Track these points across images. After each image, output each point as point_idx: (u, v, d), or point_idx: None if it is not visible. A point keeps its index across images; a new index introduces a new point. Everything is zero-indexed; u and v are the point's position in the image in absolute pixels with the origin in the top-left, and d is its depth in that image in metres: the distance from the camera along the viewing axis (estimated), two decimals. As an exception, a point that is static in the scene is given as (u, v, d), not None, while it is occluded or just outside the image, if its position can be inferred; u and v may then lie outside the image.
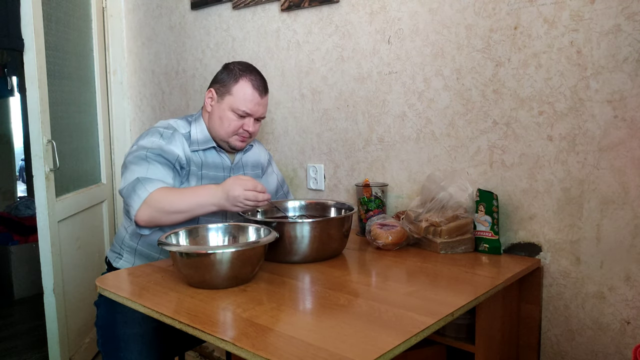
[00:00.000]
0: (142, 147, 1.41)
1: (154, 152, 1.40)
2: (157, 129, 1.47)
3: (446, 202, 1.42)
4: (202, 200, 1.32)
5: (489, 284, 1.16)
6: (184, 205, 1.32)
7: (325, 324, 0.94)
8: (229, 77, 1.48)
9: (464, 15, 1.48)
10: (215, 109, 1.49)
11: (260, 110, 1.50)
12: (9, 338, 2.77)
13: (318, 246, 1.32)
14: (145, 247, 1.48)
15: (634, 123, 1.23)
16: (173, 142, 1.44)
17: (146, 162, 1.37)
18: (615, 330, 1.30)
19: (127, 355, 1.30)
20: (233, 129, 1.48)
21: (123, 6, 2.57)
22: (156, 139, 1.43)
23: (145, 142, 1.43)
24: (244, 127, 1.49)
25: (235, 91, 1.46)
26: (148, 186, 1.33)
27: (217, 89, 1.50)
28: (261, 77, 1.51)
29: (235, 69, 1.49)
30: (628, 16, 1.22)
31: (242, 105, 1.46)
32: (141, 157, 1.38)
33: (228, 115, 1.47)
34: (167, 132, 1.46)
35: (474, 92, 1.48)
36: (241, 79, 1.47)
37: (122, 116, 2.62)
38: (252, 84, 1.47)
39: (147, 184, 1.33)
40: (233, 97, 1.47)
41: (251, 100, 1.47)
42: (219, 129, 1.49)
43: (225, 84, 1.48)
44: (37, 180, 1.96)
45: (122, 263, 1.50)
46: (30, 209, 3.58)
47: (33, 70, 1.90)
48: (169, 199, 1.32)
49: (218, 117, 1.48)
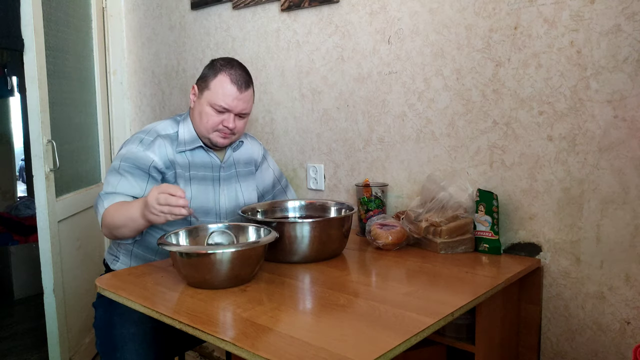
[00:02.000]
0: (119, 156, 1.45)
1: (128, 161, 1.42)
2: (139, 135, 1.47)
3: (446, 202, 1.42)
4: (132, 214, 1.31)
5: (489, 284, 1.16)
6: (119, 221, 1.34)
7: (325, 324, 0.94)
8: (209, 71, 1.47)
9: (464, 15, 1.48)
10: (196, 105, 1.48)
11: (240, 105, 1.45)
12: (9, 338, 2.77)
13: (318, 246, 1.32)
14: (140, 249, 1.47)
15: (634, 123, 1.23)
16: (151, 149, 1.43)
17: (118, 174, 1.41)
18: (615, 330, 1.30)
19: (124, 355, 1.30)
20: (212, 124, 1.45)
21: (123, 6, 2.57)
22: (134, 146, 1.44)
23: (124, 151, 1.45)
24: (223, 123, 1.45)
25: (213, 86, 1.44)
26: (105, 202, 1.38)
27: (198, 84, 1.49)
28: (242, 72, 1.47)
29: (217, 64, 1.47)
30: (628, 16, 1.22)
31: (219, 100, 1.43)
32: (115, 168, 1.43)
33: (207, 110, 1.45)
34: (148, 138, 1.45)
35: (474, 92, 1.48)
36: (220, 73, 1.44)
37: (122, 116, 2.62)
38: (231, 78, 1.43)
39: (105, 199, 1.38)
40: (211, 91, 1.44)
41: (229, 95, 1.43)
42: (199, 125, 1.47)
43: (205, 78, 1.47)
44: (37, 180, 1.96)
45: (119, 265, 1.50)
46: (30, 209, 3.58)
47: (33, 70, 1.90)
48: (112, 216, 1.35)
49: (198, 113, 1.47)
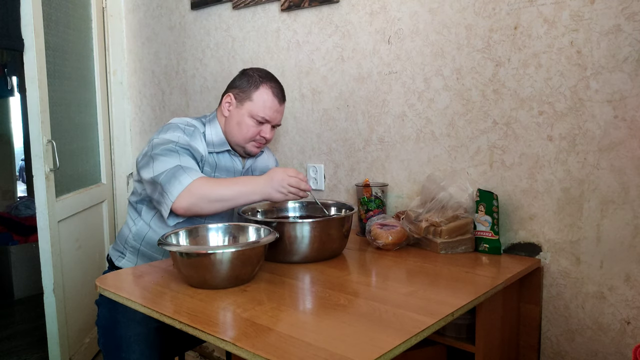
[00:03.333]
0: (168, 140, 1.39)
1: (181, 145, 1.39)
2: (178, 125, 1.45)
3: (446, 202, 1.42)
4: (245, 189, 1.33)
5: (489, 284, 1.16)
6: (228, 194, 1.32)
7: (325, 324, 0.94)
8: (249, 83, 1.48)
9: (464, 15, 1.48)
10: (234, 114, 1.49)
11: (278, 117, 1.51)
12: (9, 338, 2.77)
13: (318, 246, 1.32)
14: (148, 248, 1.47)
15: (634, 123, 1.23)
16: (195, 139, 1.44)
17: (177, 154, 1.37)
18: (615, 330, 1.30)
19: (129, 355, 1.30)
20: (251, 134, 1.48)
21: (123, 6, 2.57)
22: (180, 134, 1.42)
23: (170, 136, 1.41)
24: (261, 134, 1.49)
25: (256, 97, 1.47)
26: (190, 173, 1.32)
27: (236, 94, 1.49)
28: (280, 85, 1.52)
29: (255, 76, 1.49)
30: (628, 16, 1.22)
31: (261, 111, 1.46)
32: (171, 150, 1.37)
33: (247, 121, 1.47)
34: (189, 128, 1.45)
35: (474, 92, 1.48)
36: (262, 85, 1.47)
37: (122, 116, 2.62)
38: (273, 91, 1.48)
39: (188, 171, 1.33)
40: (253, 103, 1.47)
41: (270, 107, 1.47)
42: (237, 134, 1.49)
43: (245, 89, 1.48)
44: (37, 180, 1.96)
45: (125, 262, 1.50)
46: (30, 209, 3.58)
47: (33, 70, 1.90)
48: (212, 187, 1.32)
49: (236, 123, 1.48)
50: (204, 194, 1.31)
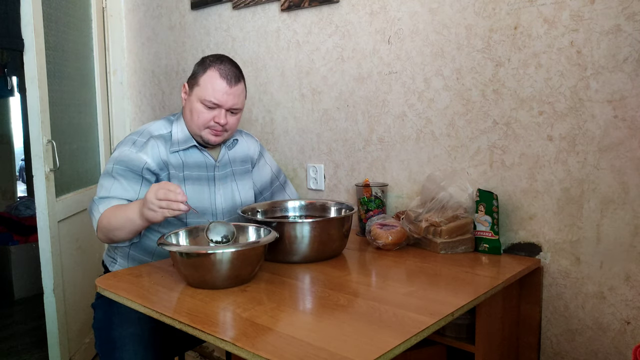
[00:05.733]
0: (112, 159, 1.44)
1: (120, 164, 1.41)
2: (132, 137, 1.47)
3: (446, 202, 1.42)
4: (129, 215, 1.31)
5: (489, 284, 1.16)
6: (116, 224, 1.34)
7: (325, 324, 0.94)
8: (199, 68, 1.46)
9: (464, 15, 1.48)
10: (187, 102, 1.48)
11: (230, 100, 1.43)
12: (9, 338, 2.77)
13: (318, 246, 1.32)
14: (137, 252, 1.47)
15: (634, 123, 1.23)
16: (144, 150, 1.43)
17: (111, 178, 1.41)
18: (615, 330, 1.30)
19: (122, 355, 1.30)
20: (203, 121, 1.44)
21: (123, 6, 2.57)
22: (127, 148, 1.43)
23: (117, 154, 1.44)
24: (215, 120, 1.44)
25: (203, 81, 1.43)
26: (100, 207, 1.38)
27: (189, 82, 1.49)
28: (232, 67, 1.45)
29: (207, 60, 1.46)
30: (628, 16, 1.22)
31: (209, 95, 1.42)
32: (108, 172, 1.42)
33: (197, 107, 1.44)
34: (141, 140, 1.45)
35: (474, 92, 1.48)
36: (209, 69, 1.43)
37: (122, 116, 2.62)
38: (220, 73, 1.42)
39: (100, 204, 1.38)
40: (200, 87, 1.43)
41: (219, 90, 1.41)
42: (191, 122, 1.46)
43: (195, 75, 1.46)
44: (37, 180, 1.96)
45: (117, 267, 1.49)
46: (30, 209, 3.58)
47: (33, 70, 1.90)
48: (108, 219, 1.35)
49: (189, 110, 1.46)
50: (104, 227, 1.36)
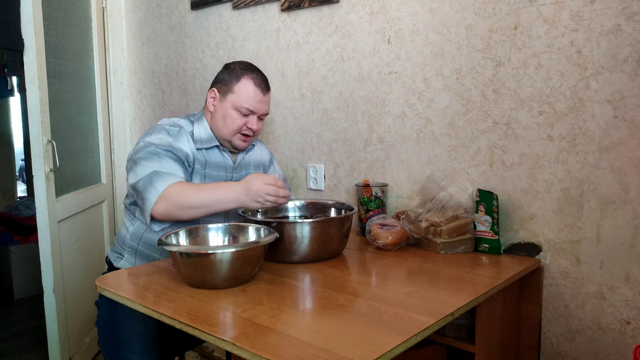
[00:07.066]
0: (150, 143, 1.41)
1: (163, 147, 1.40)
2: (163, 126, 1.47)
3: (446, 202, 1.42)
4: (221, 196, 1.32)
5: (489, 284, 1.16)
6: (202, 201, 1.31)
7: (325, 324, 0.94)
8: (231, 76, 1.51)
9: (464, 15, 1.48)
10: (219, 108, 1.51)
11: (263, 107, 1.52)
12: (9, 338, 2.77)
13: (318, 246, 1.32)
14: (145, 248, 1.47)
15: (634, 123, 1.23)
16: (180, 139, 1.44)
17: (158, 157, 1.37)
18: (615, 330, 1.30)
19: (128, 355, 1.30)
20: (236, 127, 1.50)
21: (123, 6, 2.57)
22: (163, 135, 1.43)
23: (153, 139, 1.42)
24: (247, 125, 1.50)
25: (238, 89, 1.48)
26: (166, 179, 1.32)
27: (219, 88, 1.52)
28: (262, 75, 1.53)
29: (237, 68, 1.51)
30: (628, 16, 1.22)
31: (245, 102, 1.48)
32: (152, 153, 1.38)
33: (231, 113, 1.49)
34: (174, 129, 1.46)
35: (474, 92, 1.48)
36: (243, 77, 1.49)
37: (122, 116, 2.62)
38: (254, 81, 1.49)
39: (164, 177, 1.33)
40: (235, 95, 1.48)
41: (254, 98, 1.49)
42: (223, 127, 1.50)
43: (227, 83, 1.50)
44: (37, 180, 1.96)
45: (123, 263, 1.50)
46: (30, 209, 3.58)
47: (33, 70, 1.90)
48: (187, 194, 1.31)
49: (221, 116, 1.50)
50: (179, 201, 1.31)
